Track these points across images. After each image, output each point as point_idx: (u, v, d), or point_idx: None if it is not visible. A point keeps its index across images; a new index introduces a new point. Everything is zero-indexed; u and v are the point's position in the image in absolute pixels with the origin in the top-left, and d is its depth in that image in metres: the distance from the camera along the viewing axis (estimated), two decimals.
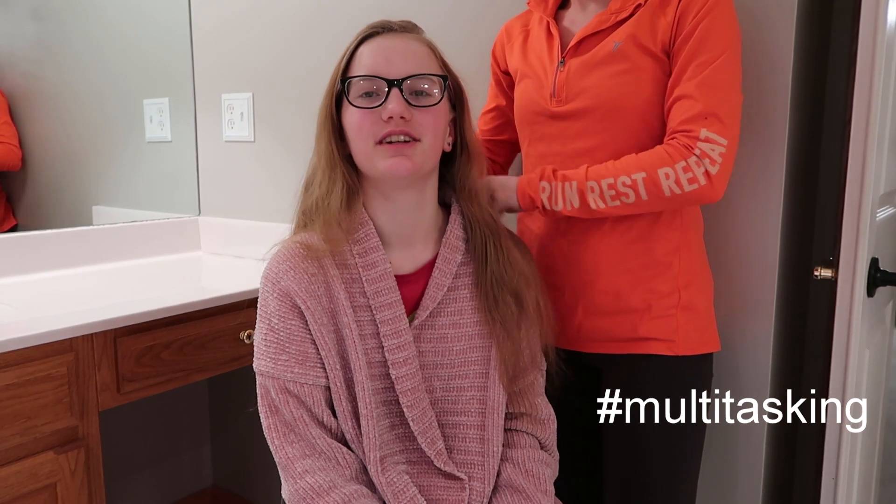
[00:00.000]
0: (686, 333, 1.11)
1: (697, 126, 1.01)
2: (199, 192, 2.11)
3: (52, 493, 1.23)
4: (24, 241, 1.69)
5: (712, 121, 1.00)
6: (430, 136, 0.94)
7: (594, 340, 1.15)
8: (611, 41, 1.08)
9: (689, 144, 1.01)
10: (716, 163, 1.00)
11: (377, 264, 0.96)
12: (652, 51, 1.06)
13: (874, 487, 1.63)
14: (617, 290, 1.12)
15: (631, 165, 1.03)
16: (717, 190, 1.02)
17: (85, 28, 1.84)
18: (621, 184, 1.03)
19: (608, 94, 1.08)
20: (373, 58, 0.94)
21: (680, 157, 1.01)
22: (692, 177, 1.00)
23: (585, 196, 1.05)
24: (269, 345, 0.95)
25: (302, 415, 0.93)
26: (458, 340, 0.99)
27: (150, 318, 1.36)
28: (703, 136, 1.00)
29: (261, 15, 1.88)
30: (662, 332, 1.11)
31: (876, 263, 1.22)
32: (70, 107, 1.83)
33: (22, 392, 1.17)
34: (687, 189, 1.01)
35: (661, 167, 1.01)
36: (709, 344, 1.16)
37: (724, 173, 1.02)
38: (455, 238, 1.01)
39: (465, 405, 0.99)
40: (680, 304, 1.11)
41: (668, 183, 1.01)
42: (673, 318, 1.11)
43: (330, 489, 0.90)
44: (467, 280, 1.01)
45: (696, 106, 1.01)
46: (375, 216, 0.99)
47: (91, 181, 1.88)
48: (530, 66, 1.18)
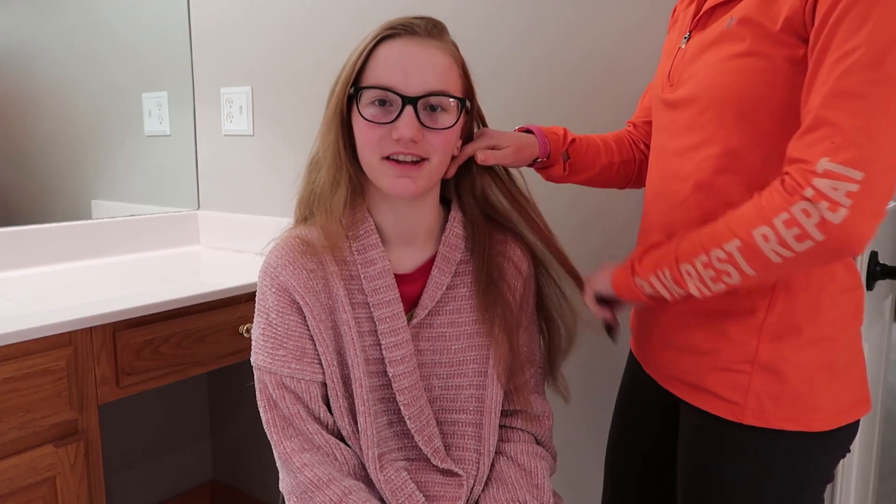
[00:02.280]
0: (759, 399, 0.85)
1: (816, 154, 0.71)
2: (198, 185, 2.11)
3: (51, 487, 1.23)
4: (23, 234, 1.69)
5: (841, 145, 0.69)
6: (440, 156, 0.91)
7: (662, 373, 0.99)
8: (729, 15, 0.83)
9: (799, 183, 0.71)
10: (839, 207, 0.69)
11: (376, 262, 0.95)
12: (772, 32, 0.77)
13: (872, 481, 1.64)
14: (686, 321, 0.92)
15: (722, 231, 0.78)
16: (845, 243, 0.71)
17: (84, 21, 1.84)
18: (716, 259, 0.78)
19: (713, 82, 0.84)
20: (389, 67, 0.87)
21: (782, 207, 0.72)
22: (800, 233, 0.72)
23: (686, 285, 0.83)
24: (267, 339, 0.94)
25: (299, 410, 0.93)
26: (456, 339, 0.99)
27: (150, 312, 1.36)
28: (820, 170, 0.70)
29: (260, 8, 1.87)
30: (726, 390, 0.88)
31: (875, 257, 1.22)
32: (69, 101, 1.82)
33: (21, 385, 1.17)
34: (799, 248, 0.72)
35: (755, 227, 0.74)
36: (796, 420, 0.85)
37: (855, 220, 0.69)
38: (455, 237, 1.00)
39: (464, 403, 0.99)
40: (757, 361, 0.86)
41: (769, 247, 0.74)
42: (745, 376, 0.86)
43: (329, 482, 0.90)
44: (466, 279, 1.00)
45: (821, 125, 0.71)
46: (376, 214, 0.98)
47: (90, 175, 1.88)
48: (668, 41, 1.00)
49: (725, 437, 0.89)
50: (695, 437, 0.94)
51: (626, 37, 1.32)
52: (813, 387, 0.85)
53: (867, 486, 1.54)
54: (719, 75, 0.83)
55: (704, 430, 0.92)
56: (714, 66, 0.84)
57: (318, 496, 0.90)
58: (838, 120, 0.70)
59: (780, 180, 0.74)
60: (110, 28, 1.89)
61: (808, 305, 0.85)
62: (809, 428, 0.85)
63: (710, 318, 0.89)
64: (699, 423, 0.92)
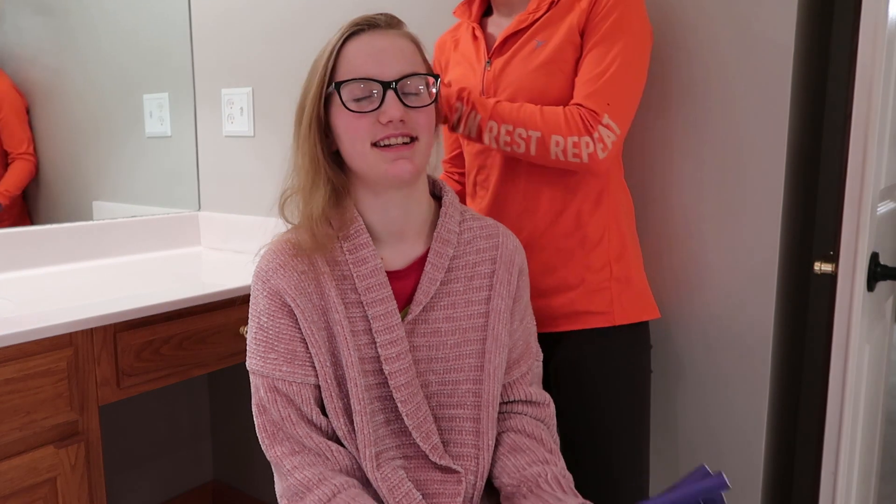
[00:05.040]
0: (621, 304, 1.17)
1: (602, 109, 1.07)
2: (199, 187, 2.11)
3: (52, 488, 1.23)
4: (24, 236, 1.69)
5: (615, 108, 1.08)
6: (426, 134, 0.94)
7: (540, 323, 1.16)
8: (533, 39, 1.15)
9: (591, 124, 1.07)
10: (607, 149, 1.08)
11: (368, 260, 0.96)
12: (570, 38, 1.11)
13: (874, 482, 1.63)
14: (553, 267, 1.18)
15: (533, 120, 1.09)
16: (595, 170, 1.11)
17: (85, 23, 1.84)
18: (517, 135, 1.10)
19: (532, 84, 1.13)
20: (363, 59, 0.92)
21: (577, 132, 1.07)
22: (577, 153, 1.08)
23: (482, 132, 1.12)
24: (259, 343, 0.95)
25: (290, 413, 0.93)
26: (452, 334, 0.99)
27: (150, 313, 1.36)
28: (605, 122, 1.07)
29: (260, 9, 1.87)
30: (599, 306, 1.17)
31: (876, 258, 1.22)
32: (70, 102, 1.83)
33: (22, 386, 1.17)
34: (570, 160, 1.08)
35: (555, 133, 1.08)
36: (645, 312, 1.21)
37: (609, 158, 1.09)
38: (447, 231, 1.00)
39: (461, 398, 0.99)
40: (612, 277, 1.17)
41: (556, 150, 1.08)
42: (608, 291, 1.17)
43: (319, 482, 0.90)
44: (460, 273, 1.00)
45: (604, 89, 1.08)
46: (365, 213, 0.98)
47: (91, 176, 1.88)
48: (462, 71, 1.25)
49: (603, 342, 1.17)
50: (578, 353, 1.19)
51: None
52: (643, 285, 1.23)
53: (869, 487, 1.54)
54: (536, 79, 1.13)
55: (586, 345, 1.18)
56: (529, 74, 1.14)
57: (308, 497, 0.90)
58: (615, 88, 1.08)
59: (580, 110, 1.08)
60: (111, 30, 1.89)
61: (626, 229, 1.21)
62: (653, 316, 1.23)
63: (572, 258, 1.17)
64: (580, 341, 1.18)
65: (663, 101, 1.29)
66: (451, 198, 1.03)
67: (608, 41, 1.09)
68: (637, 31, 1.11)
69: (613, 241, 1.18)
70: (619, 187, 1.21)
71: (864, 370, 1.26)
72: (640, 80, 1.13)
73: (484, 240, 1.02)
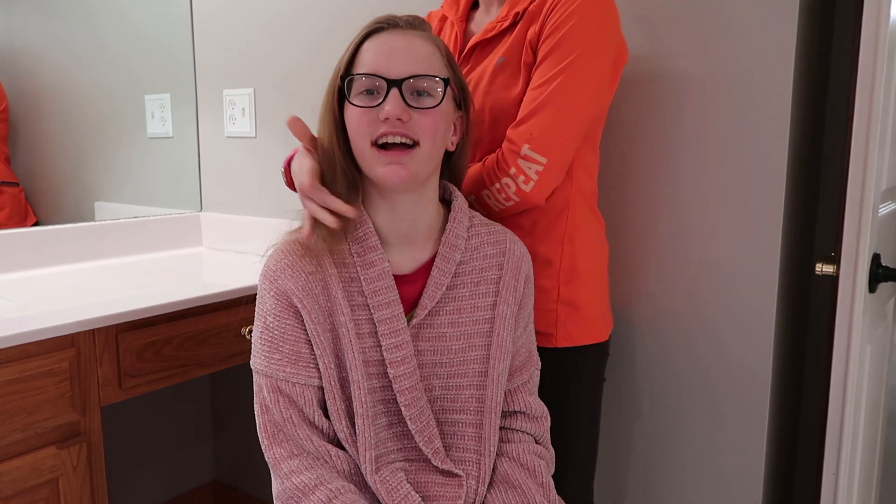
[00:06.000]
0: (565, 328, 1.16)
1: (522, 141, 1.04)
2: (200, 187, 2.11)
3: (54, 488, 1.23)
4: (26, 236, 1.69)
5: (539, 138, 1.03)
6: (429, 140, 0.92)
7: None
8: (496, 54, 1.13)
9: (507, 162, 1.06)
10: (530, 180, 1.05)
11: (375, 264, 0.96)
12: (526, 58, 1.08)
13: (875, 484, 1.63)
14: None
15: (468, 187, 1.12)
16: (532, 203, 1.09)
17: (86, 24, 1.84)
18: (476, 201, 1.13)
19: (495, 103, 1.12)
20: (375, 56, 0.92)
21: (495, 178, 1.08)
22: (506, 195, 1.08)
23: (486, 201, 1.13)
24: (264, 343, 0.95)
25: (291, 415, 0.93)
26: (457, 339, 0.99)
27: (152, 314, 1.36)
28: (524, 153, 1.05)
29: (262, 10, 1.87)
30: (544, 326, 1.15)
31: (877, 259, 1.22)
32: (72, 103, 1.83)
33: (24, 387, 1.17)
34: (507, 204, 1.09)
35: (482, 190, 1.10)
36: (589, 336, 1.18)
37: (540, 189, 1.06)
38: (455, 237, 1.00)
39: (464, 403, 0.99)
40: (560, 300, 1.15)
41: (491, 202, 1.11)
42: (553, 313, 1.15)
43: (316, 487, 0.90)
44: (467, 279, 1.00)
45: (530, 118, 1.04)
46: (374, 215, 0.98)
47: (93, 177, 1.89)
48: None
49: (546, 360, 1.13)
50: None
51: None
52: (592, 310, 1.18)
53: (870, 489, 1.54)
54: (497, 99, 1.11)
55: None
56: (490, 92, 1.12)
57: (303, 502, 0.90)
58: (543, 113, 1.03)
59: (500, 153, 1.07)
60: (113, 30, 1.90)
61: (582, 252, 1.16)
62: (599, 339, 1.19)
63: None
64: None
65: (664, 103, 1.29)
66: (461, 203, 1.02)
67: (554, 57, 1.03)
68: (591, 46, 1.03)
69: (564, 264, 1.14)
70: (577, 212, 1.15)
71: (865, 371, 1.26)
72: (582, 101, 1.05)
73: (491, 246, 1.02)
